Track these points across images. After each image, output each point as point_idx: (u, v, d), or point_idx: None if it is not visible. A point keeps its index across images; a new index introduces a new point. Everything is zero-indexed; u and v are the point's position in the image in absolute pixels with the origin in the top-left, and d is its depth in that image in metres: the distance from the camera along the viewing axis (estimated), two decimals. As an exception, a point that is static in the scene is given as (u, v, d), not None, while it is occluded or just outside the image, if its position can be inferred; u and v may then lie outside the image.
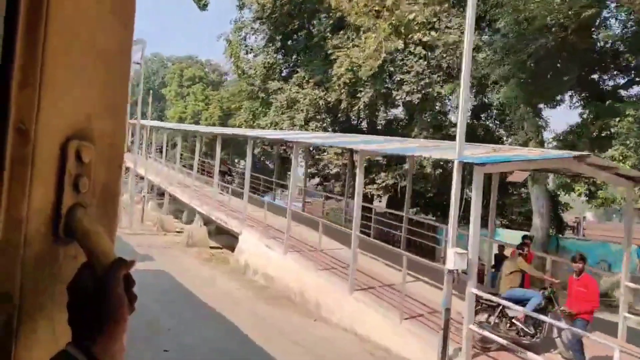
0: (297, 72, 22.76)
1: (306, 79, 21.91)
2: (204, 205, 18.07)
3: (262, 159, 38.98)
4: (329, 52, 19.76)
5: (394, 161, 20.20)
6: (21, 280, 0.58)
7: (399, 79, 17.16)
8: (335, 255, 12.26)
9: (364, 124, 22.51)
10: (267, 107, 23.96)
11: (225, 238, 18.61)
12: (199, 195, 18.97)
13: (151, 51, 71.70)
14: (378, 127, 20.32)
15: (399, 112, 21.65)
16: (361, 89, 18.45)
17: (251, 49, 26.10)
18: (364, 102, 18.06)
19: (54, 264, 0.61)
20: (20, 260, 0.58)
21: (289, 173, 26.70)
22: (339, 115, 21.12)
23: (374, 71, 17.29)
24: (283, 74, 24.61)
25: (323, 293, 10.47)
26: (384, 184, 19.20)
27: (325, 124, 21.09)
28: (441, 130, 17.39)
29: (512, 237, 15.54)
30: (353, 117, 21.92)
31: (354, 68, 17.96)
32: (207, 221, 18.04)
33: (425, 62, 16.73)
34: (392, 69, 17.69)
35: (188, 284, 12.22)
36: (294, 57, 24.58)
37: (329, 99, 20.40)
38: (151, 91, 35.85)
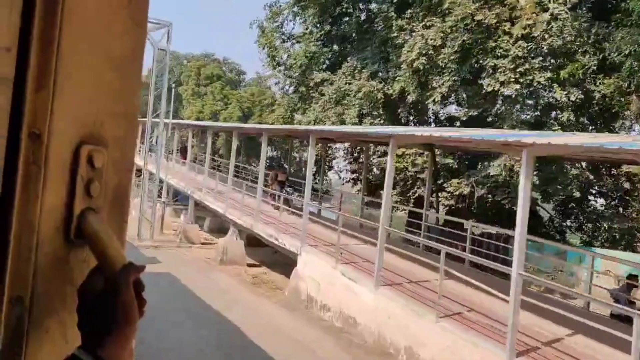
0: (347, 61, 19.50)
1: (358, 68, 18.66)
2: (243, 216, 14.79)
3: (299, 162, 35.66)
4: (393, 35, 16.50)
5: (466, 166, 16.86)
6: (33, 283, 0.58)
7: (491, 64, 13.86)
8: (460, 294, 8.69)
9: (430, 119, 18.95)
10: (307, 102, 20.72)
11: (262, 252, 15.43)
12: (237, 205, 15.70)
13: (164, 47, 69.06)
14: (457, 124, 16.86)
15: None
16: (436, 77, 15.16)
17: (290, 37, 22.91)
18: (441, 93, 14.76)
19: (65, 267, 0.62)
20: (32, 263, 0.58)
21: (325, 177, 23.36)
22: (400, 110, 17.81)
23: (458, 53, 14.02)
24: (328, 64, 21.38)
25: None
26: (457, 193, 15.86)
27: (383, 121, 17.79)
28: (540, 128, 14.09)
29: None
30: (414, 112, 18.58)
31: (430, 52, 14.68)
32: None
33: (526, 45, 13.44)
34: (479, 52, 14.39)
35: (245, 326, 8.88)
36: (343, 44, 21.27)
37: (389, 91, 17.10)
38: (173, 87, 32.84)
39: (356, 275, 9.49)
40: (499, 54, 13.97)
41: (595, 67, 13.22)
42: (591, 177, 15.62)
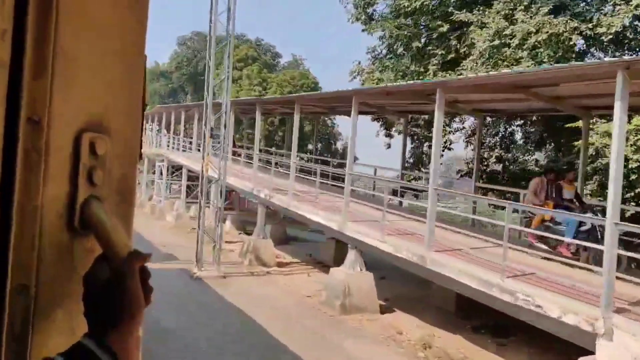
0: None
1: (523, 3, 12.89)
2: (381, 235, 9.57)
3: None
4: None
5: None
6: (37, 272, 0.58)
7: None
8: None
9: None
10: (422, 64, 15.08)
11: (386, 285, 10.89)
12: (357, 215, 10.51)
13: (191, 29, 64.08)
14: None
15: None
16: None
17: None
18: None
19: (70, 256, 0.61)
20: (36, 252, 0.58)
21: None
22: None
23: None
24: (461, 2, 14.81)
25: None
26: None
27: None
28: None
29: None
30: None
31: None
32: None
33: None
34: None
35: None
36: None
37: (592, 32, 11.44)
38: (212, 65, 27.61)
39: None
40: None
41: None
42: None
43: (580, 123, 11.14)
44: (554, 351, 7.91)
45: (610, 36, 11.58)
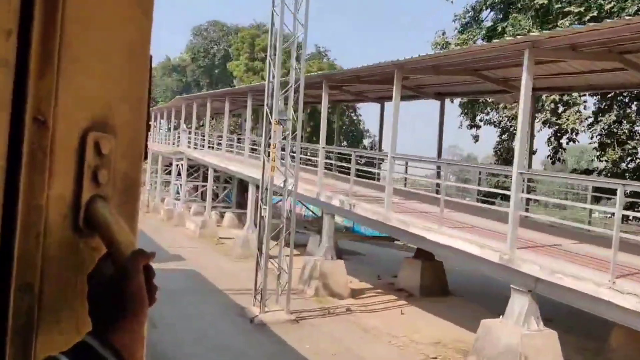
0: None
1: None
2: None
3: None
4: None
5: None
6: (42, 270, 0.58)
7: None
8: None
9: None
10: (551, 22, 11.35)
11: None
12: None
13: (207, 19, 60.69)
14: None
15: None
16: None
17: None
18: None
19: (74, 255, 0.62)
20: (40, 250, 0.58)
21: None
22: None
23: None
24: None
25: None
26: None
27: None
28: None
29: None
30: None
31: None
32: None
33: None
34: None
35: None
36: None
37: None
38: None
39: None
40: None
41: None
42: None
43: None
44: None
45: None
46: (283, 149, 10.36)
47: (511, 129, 15.48)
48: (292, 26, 10.17)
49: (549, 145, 15.63)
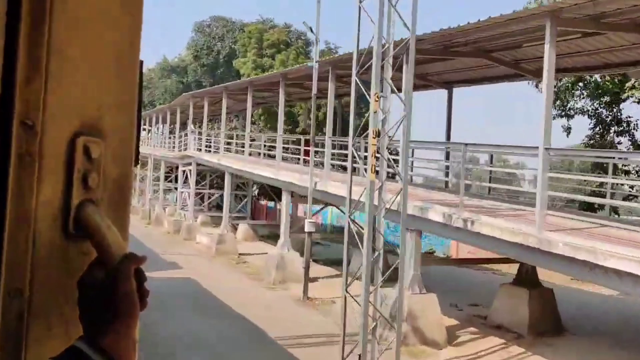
0: None
1: None
2: None
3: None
4: None
5: None
6: (31, 275, 0.58)
7: None
8: None
9: None
10: None
11: None
12: None
13: (210, 14, 58.05)
14: None
15: None
16: None
17: None
18: None
19: (64, 259, 0.61)
20: (29, 255, 0.58)
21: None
22: None
23: None
24: None
25: None
26: None
27: None
28: None
29: None
30: None
31: None
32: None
33: None
34: None
35: None
36: None
37: None
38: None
39: None
40: None
41: None
42: None
43: None
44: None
45: None
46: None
47: (608, 119, 12.85)
48: None
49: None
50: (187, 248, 19.75)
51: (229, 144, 20.19)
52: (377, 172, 6.95)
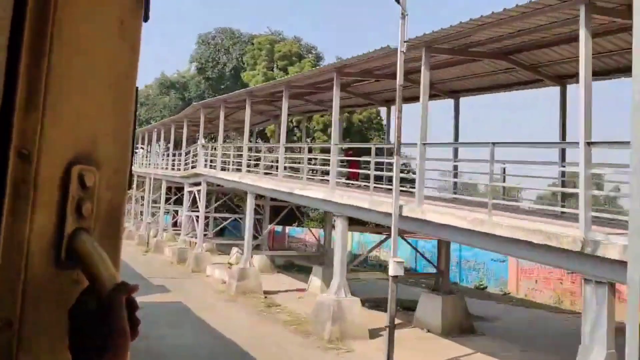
0: None
1: None
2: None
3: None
4: None
5: None
6: (22, 305, 0.56)
7: None
8: None
9: None
10: None
11: None
12: None
13: (214, 26, 55.67)
14: None
15: None
16: None
17: None
18: None
19: (55, 288, 0.60)
20: (20, 284, 0.56)
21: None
22: None
23: None
24: None
25: None
26: None
27: None
28: None
29: None
30: None
31: None
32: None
33: None
34: None
35: None
36: None
37: None
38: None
39: None
40: None
41: None
42: None
43: None
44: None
45: None
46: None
47: None
48: None
49: None
50: (197, 283, 16.60)
51: (257, 159, 17.20)
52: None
